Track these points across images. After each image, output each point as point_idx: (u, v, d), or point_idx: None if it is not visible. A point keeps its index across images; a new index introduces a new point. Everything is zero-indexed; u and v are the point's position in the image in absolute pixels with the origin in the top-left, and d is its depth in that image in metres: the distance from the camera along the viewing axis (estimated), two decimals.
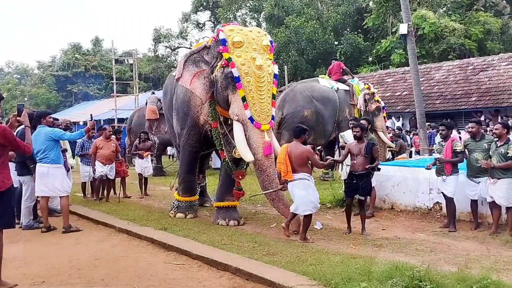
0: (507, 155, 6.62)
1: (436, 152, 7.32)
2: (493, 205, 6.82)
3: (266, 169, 6.76)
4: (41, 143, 7.23)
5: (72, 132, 9.22)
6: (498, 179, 6.62)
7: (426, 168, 7.53)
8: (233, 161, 7.47)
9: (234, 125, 6.99)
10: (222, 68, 7.00)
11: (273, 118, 7.06)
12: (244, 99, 6.76)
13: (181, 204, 8.26)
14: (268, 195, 6.91)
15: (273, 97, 7.07)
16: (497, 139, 6.91)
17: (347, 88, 13.03)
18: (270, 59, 7.12)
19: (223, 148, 7.53)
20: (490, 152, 6.84)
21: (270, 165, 6.77)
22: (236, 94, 6.88)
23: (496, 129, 6.92)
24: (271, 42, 7.27)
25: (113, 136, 10.51)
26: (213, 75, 7.22)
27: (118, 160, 10.64)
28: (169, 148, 19.49)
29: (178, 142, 8.64)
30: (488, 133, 10.06)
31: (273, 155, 6.91)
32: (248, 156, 6.76)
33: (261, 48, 7.06)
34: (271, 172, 6.74)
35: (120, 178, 10.82)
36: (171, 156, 20.44)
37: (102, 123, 23.36)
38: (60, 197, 7.59)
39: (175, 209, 8.29)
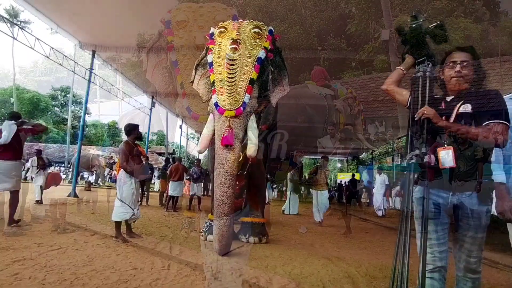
0: (475, 157, 6.74)
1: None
2: None
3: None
4: None
5: None
6: (466, 181, 6.75)
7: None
8: None
9: None
10: (170, 54, 6.24)
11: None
12: (182, 85, 5.87)
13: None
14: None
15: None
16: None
17: (332, 93, 13.24)
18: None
19: None
20: None
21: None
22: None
23: None
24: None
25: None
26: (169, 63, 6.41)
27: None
28: None
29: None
30: None
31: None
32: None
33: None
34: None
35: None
36: None
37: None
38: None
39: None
